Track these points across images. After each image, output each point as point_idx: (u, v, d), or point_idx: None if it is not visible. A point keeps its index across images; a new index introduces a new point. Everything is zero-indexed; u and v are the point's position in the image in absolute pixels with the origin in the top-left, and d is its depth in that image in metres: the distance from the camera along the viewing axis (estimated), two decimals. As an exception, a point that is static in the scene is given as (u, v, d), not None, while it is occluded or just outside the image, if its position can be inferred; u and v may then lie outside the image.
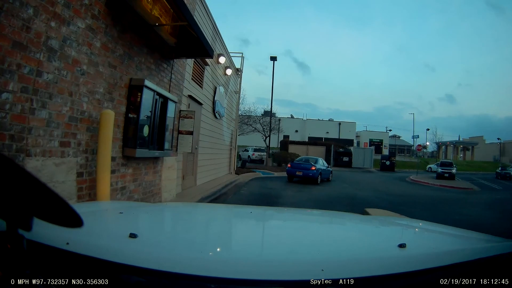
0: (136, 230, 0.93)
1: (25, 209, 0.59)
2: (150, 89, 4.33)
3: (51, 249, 0.78)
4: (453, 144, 52.49)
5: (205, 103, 8.21)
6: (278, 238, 1.21)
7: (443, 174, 20.33)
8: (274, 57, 23.74)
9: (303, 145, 30.27)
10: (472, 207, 9.12)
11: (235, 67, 12.71)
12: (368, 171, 27.01)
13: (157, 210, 1.69)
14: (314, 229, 1.51)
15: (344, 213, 2.11)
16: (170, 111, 4.99)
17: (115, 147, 4.01)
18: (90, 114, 3.59)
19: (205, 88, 8.20)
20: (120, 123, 4.09)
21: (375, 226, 1.60)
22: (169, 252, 0.86)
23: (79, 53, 3.31)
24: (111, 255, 0.77)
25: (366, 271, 0.79)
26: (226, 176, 11.59)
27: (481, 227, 5.21)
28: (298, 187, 11.37)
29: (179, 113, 5.82)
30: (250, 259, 0.87)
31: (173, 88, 5.60)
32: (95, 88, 3.65)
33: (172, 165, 5.62)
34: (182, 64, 6.09)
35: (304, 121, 46.49)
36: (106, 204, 2.05)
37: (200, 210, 1.94)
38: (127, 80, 4.21)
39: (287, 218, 1.79)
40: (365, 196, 9.75)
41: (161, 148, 4.77)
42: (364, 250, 1.05)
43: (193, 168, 7.42)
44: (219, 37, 9.50)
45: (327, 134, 43.92)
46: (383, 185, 14.61)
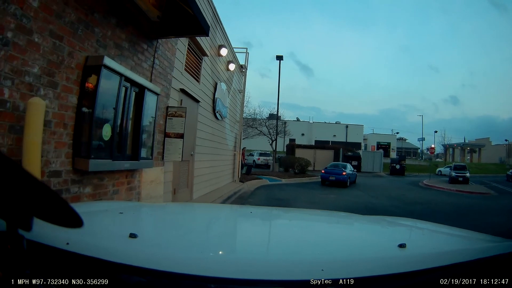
0: (136, 230, 0.91)
1: (25, 209, 0.59)
2: (115, 72, 3.02)
3: (51, 249, 0.78)
4: (460, 146, 51.66)
5: (203, 100, 6.88)
6: (278, 238, 1.23)
7: (457, 178, 19.26)
8: (280, 56, 22.53)
9: (311, 149, 29.13)
10: (498, 215, 8.60)
11: (238, 63, 11.40)
12: (378, 176, 26.13)
13: (157, 210, 1.68)
14: (314, 229, 1.48)
15: (344, 213, 2.01)
16: (149, 106, 3.67)
17: (59, 156, 2.70)
18: (15, 105, 2.33)
19: (203, 83, 6.88)
20: (68, 121, 2.77)
21: (375, 226, 1.57)
22: (169, 252, 0.85)
23: (2, 13, 2.14)
24: (111, 255, 0.77)
25: (366, 271, 0.78)
26: (229, 185, 10.22)
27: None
28: (310, 197, 10.17)
29: (165, 110, 4.50)
30: (250, 259, 0.86)
31: (156, 77, 4.28)
32: (25, 67, 2.38)
33: (156, 178, 4.28)
34: (171, 48, 4.77)
35: (311, 124, 45.52)
36: (106, 204, 1.85)
37: (200, 210, 1.93)
38: (81, 58, 2.91)
39: (287, 218, 1.77)
40: (382, 205, 9.04)
41: (135, 157, 3.44)
42: (364, 250, 1.05)
43: (188, 179, 6.07)
44: (220, 26, 8.20)
45: (334, 138, 43.27)
46: (398, 191, 13.75)
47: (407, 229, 1.50)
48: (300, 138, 39.40)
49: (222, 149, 9.33)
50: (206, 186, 7.41)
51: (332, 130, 44.77)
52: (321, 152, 28.52)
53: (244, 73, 12.29)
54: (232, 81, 10.48)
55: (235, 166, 11.57)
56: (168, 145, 4.34)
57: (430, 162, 36.78)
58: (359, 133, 45.70)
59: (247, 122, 24.53)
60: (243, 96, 12.49)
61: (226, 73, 9.37)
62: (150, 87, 3.64)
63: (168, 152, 4.34)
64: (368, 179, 20.63)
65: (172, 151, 4.32)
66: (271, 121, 25.42)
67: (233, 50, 10.15)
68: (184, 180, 5.84)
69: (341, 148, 29.51)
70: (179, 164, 5.30)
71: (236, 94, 11.45)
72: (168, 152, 4.34)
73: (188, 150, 5.85)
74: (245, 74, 12.42)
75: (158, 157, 4.34)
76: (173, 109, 4.45)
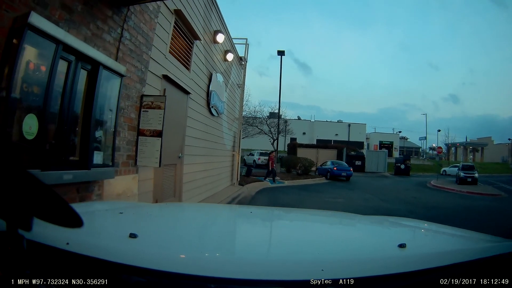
0: (136, 230, 0.90)
1: (25, 209, 0.59)
2: (49, 38, 1.96)
3: (51, 249, 0.77)
4: (462, 145, 51.27)
5: (195, 92, 5.81)
6: (278, 238, 1.22)
7: (465, 178, 18.67)
8: (281, 51, 21.61)
9: (313, 148, 28.06)
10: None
11: (237, 54, 10.34)
12: (383, 176, 25.25)
13: (157, 210, 1.66)
14: (314, 229, 1.47)
15: (344, 213, 1.97)
16: (109, 91, 2.62)
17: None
18: None
19: (195, 71, 5.81)
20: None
21: (375, 226, 1.56)
22: (169, 252, 0.85)
23: None
24: (111, 255, 0.77)
25: (366, 271, 0.78)
26: (227, 189, 9.15)
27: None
28: (317, 202, 9.17)
29: (139, 100, 3.43)
30: (250, 259, 0.86)
31: (125, 54, 3.21)
32: None
33: (126, 189, 3.22)
34: (149, 21, 3.71)
35: (312, 123, 44.60)
36: (106, 204, 1.82)
37: (200, 210, 1.92)
38: (8, 21, 1.87)
39: (287, 218, 1.75)
40: (395, 210, 8.32)
41: (84, 165, 2.37)
42: (364, 250, 1.04)
43: (176, 186, 4.99)
44: (216, 9, 7.14)
45: (336, 137, 42.48)
46: (408, 193, 12.95)
47: (407, 229, 1.49)
48: (301, 137, 38.58)
49: (219, 149, 8.25)
50: (199, 193, 6.33)
51: (334, 129, 44.10)
52: (324, 152, 27.46)
53: (244, 66, 11.21)
54: (230, 74, 9.41)
55: (233, 168, 10.49)
56: (142, 146, 3.29)
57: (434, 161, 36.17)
58: (362, 132, 44.93)
59: (247, 121, 23.50)
60: (242, 91, 11.40)
61: (223, 64, 8.30)
62: (108, 63, 2.58)
63: (143, 156, 3.28)
64: (374, 180, 20.10)
65: (148, 154, 3.26)
66: (272, 119, 24.40)
67: (231, 39, 9.07)
68: (170, 189, 4.77)
69: (344, 148, 28.51)
70: (162, 170, 4.24)
71: (235, 88, 10.38)
72: (142, 155, 3.28)
73: (174, 152, 4.79)
74: (245, 67, 11.33)
75: (128, 162, 3.28)
76: (149, 98, 3.39)
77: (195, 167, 5.99)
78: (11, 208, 0.58)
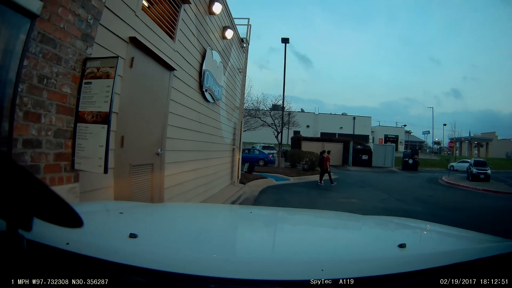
0: (136, 230, 0.89)
1: (25, 209, 0.58)
2: None
3: (51, 249, 0.77)
4: (467, 140, 50.26)
5: (182, 69, 4.51)
6: (278, 238, 1.21)
7: (478, 175, 17.75)
8: (286, 39, 20.08)
9: (318, 142, 26.80)
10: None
11: (238, 35, 8.99)
12: (391, 171, 24.24)
13: (157, 210, 1.64)
14: (314, 229, 1.46)
15: (344, 213, 1.93)
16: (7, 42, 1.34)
17: None
18: None
19: (182, 42, 4.50)
20: None
21: (375, 226, 1.53)
22: (169, 252, 0.84)
23: None
24: (111, 255, 0.76)
25: (366, 271, 0.78)
26: (226, 190, 7.90)
27: None
28: (327, 203, 8.03)
29: (80, 67, 2.16)
30: (250, 259, 0.86)
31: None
32: None
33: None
34: None
35: (316, 116, 43.28)
36: (106, 204, 1.77)
37: (200, 210, 1.88)
38: None
39: (287, 218, 1.72)
40: (416, 212, 7.28)
41: None
42: (364, 250, 1.04)
43: (154, 193, 3.70)
44: (212, -30, 5.78)
45: (341, 130, 41.37)
46: (423, 191, 11.99)
47: (408, 229, 1.47)
48: (305, 130, 37.38)
49: (215, 143, 6.96)
50: (189, 198, 5.06)
51: (338, 122, 42.94)
52: (330, 145, 26.08)
53: (246, 48, 9.85)
54: (230, 55, 8.07)
55: (234, 164, 9.22)
56: (80, 139, 2.03)
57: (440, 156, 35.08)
58: (367, 125, 43.69)
59: (249, 113, 22.16)
60: (243, 77, 10.05)
61: (221, 42, 6.98)
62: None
63: (82, 154, 2.02)
64: (383, 176, 19.11)
65: (89, 151, 2.00)
66: (276, 111, 23.04)
67: (231, 16, 7.70)
68: (145, 198, 3.50)
69: (351, 141, 27.34)
70: (129, 173, 2.98)
71: (236, 73, 9.04)
72: (81, 153, 2.02)
73: (149, 147, 3.52)
74: (247, 50, 9.96)
75: (59, 166, 2.03)
76: (95, 63, 2.10)
77: (183, 165, 4.72)
78: (11, 208, 0.57)
